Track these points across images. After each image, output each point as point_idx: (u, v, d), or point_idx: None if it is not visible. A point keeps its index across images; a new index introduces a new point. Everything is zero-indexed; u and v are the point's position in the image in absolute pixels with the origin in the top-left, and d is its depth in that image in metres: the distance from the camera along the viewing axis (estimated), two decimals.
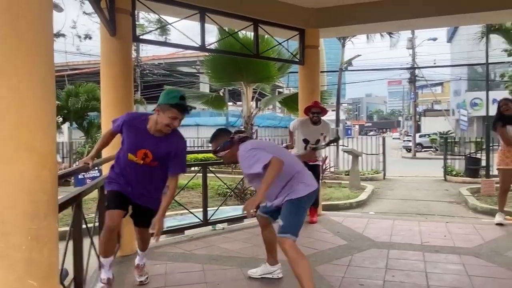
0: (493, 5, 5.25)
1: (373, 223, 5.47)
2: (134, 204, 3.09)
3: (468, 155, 13.48)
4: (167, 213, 6.98)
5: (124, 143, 3.01)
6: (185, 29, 5.14)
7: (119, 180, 3.02)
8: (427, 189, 11.50)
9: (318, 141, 5.48)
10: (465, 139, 15.77)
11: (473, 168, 12.61)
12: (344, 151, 12.86)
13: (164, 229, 3.62)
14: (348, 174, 12.26)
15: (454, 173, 13.23)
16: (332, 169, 13.86)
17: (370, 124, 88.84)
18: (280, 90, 27.10)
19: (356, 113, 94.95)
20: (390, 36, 16.22)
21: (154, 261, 3.87)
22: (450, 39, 41.87)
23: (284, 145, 6.28)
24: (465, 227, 5.22)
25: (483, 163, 12.00)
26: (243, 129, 2.79)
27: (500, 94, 13.67)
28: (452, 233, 4.89)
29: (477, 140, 15.41)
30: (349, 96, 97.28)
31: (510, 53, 11.70)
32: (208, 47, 5.20)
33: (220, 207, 5.69)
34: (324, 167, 11.99)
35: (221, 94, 14.87)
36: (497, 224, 5.21)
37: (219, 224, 5.19)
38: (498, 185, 5.77)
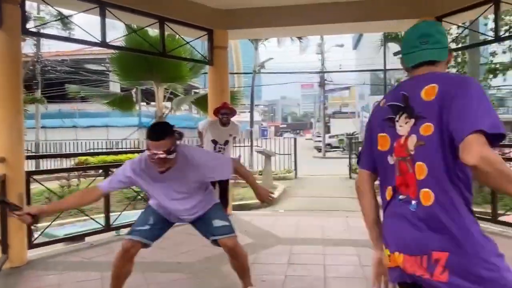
0: (390, 15, 5.72)
1: (280, 221, 5.64)
2: None
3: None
4: (66, 220, 6.53)
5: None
6: (90, 24, 4.83)
7: None
8: (334, 186, 12.18)
9: (226, 142, 5.52)
10: None
11: None
12: (257, 152, 13.12)
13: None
14: (261, 174, 12.53)
15: (357, 171, 14.17)
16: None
17: (284, 125, 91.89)
18: (197, 90, 26.88)
19: (272, 114, 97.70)
20: (300, 41, 16.93)
21: (47, 271, 3.58)
22: (355, 46, 45.00)
23: (196, 145, 6.24)
24: (363, 221, 5.59)
25: None
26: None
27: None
28: (351, 226, 5.22)
29: None
30: (265, 98, 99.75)
31: None
32: (110, 44, 4.94)
33: (127, 211, 5.47)
34: None
35: (133, 94, 14.31)
36: None
37: (123, 229, 4.96)
38: None
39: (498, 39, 5.15)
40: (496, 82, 11.45)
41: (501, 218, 4.85)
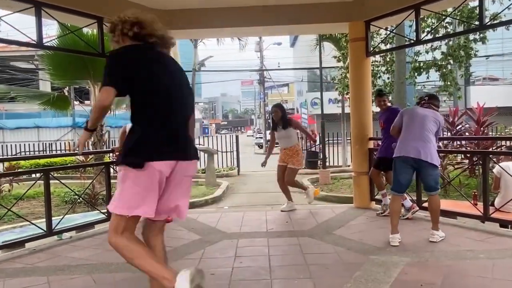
0: (323, 19, 6.07)
1: (225, 217, 5.80)
2: None
3: (309, 149, 15.15)
4: (2, 227, 6.24)
5: None
6: (19, 21, 4.64)
7: None
8: (275, 181, 12.50)
9: None
10: None
11: (312, 161, 14.23)
12: (200, 150, 13.15)
13: None
14: (204, 172, 12.61)
15: None
16: None
17: (225, 122, 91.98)
18: None
19: (213, 112, 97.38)
20: (239, 40, 17.17)
21: None
22: (292, 44, 46.11)
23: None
24: (303, 213, 5.94)
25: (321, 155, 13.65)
26: None
27: (334, 95, 15.73)
28: (293, 219, 5.53)
29: None
30: (205, 96, 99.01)
31: (339, 59, 13.48)
32: (46, 44, 4.79)
33: (68, 215, 5.35)
34: None
35: (65, 93, 13.71)
36: (282, 211, 6.10)
37: (66, 233, 4.87)
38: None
39: (419, 42, 5.67)
40: (420, 79, 12.41)
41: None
